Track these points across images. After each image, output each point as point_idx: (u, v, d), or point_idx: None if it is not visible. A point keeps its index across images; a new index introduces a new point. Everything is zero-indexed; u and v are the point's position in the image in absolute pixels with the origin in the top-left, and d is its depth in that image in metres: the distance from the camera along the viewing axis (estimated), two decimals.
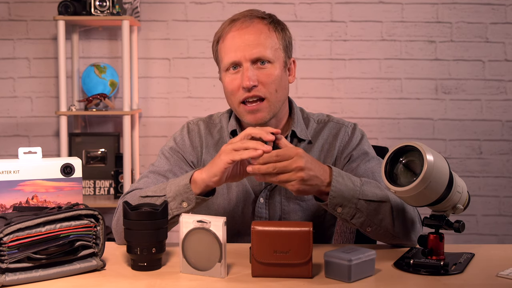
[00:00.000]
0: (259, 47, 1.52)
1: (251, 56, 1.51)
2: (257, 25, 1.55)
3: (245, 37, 1.52)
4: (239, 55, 1.52)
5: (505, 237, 3.43)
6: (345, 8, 3.36)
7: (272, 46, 1.54)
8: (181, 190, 1.43)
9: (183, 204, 1.42)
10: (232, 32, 1.54)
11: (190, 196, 1.42)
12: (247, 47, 1.51)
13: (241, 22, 1.55)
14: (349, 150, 1.62)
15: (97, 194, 3.31)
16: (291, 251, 1.22)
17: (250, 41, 1.52)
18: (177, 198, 1.43)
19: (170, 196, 1.43)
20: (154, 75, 3.41)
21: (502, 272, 1.27)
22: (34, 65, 3.38)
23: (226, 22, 1.58)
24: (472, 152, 3.42)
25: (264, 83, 1.52)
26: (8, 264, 1.18)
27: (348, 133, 1.64)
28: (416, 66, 3.39)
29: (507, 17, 3.36)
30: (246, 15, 1.57)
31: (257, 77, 1.52)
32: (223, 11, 3.36)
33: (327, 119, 1.68)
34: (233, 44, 1.53)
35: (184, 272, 1.28)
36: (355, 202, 1.39)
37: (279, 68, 1.55)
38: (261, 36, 1.53)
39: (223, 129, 1.67)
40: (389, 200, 1.42)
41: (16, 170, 1.38)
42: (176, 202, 1.43)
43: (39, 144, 3.35)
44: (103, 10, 3.09)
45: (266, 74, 1.53)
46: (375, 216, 1.41)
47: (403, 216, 1.44)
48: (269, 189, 1.61)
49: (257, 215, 1.60)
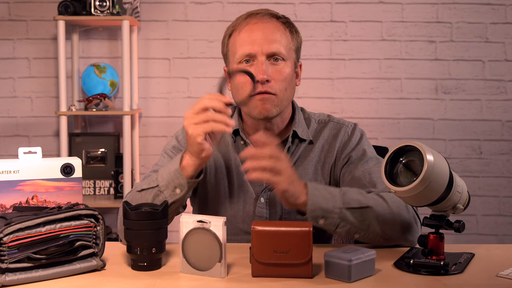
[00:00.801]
0: (276, 43, 1.54)
1: (268, 50, 1.53)
2: (274, 22, 1.57)
3: (263, 31, 1.54)
4: (256, 48, 1.53)
5: (505, 237, 3.43)
6: (345, 8, 3.36)
7: (286, 45, 1.56)
8: (172, 176, 1.43)
9: (176, 190, 1.43)
10: (249, 25, 1.55)
11: (182, 181, 1.43)
12: (264, 41, 1.53)
13: (259, 17, 1.57)
14: (348, 151, 1.62)
15: (97, 194, 3.31)
16: (291, 251, 1.22)
17: (267, 35, 1.54)
18: (169, 185, 1.44)
19: (163, 185, 1.44)
20: (154, 75, 3.41)
21: (502, 272, 1.27)
22: (34, 65, 3.38)
23: (243, 16, 1.59)
24: (472, 152, 3.42)
25: (276, 79, 1.54)
26: (8, 264, 1.18)
27: (348, 133, 1.64)
28: (416, 66, 3.39)
29: (507, 17, 3.36)
30: (263, 12, 1.59)
31: (270, 73, 1.53)
32: (223, 11, 3.36)
33: (327, 119, 1.68)
34: (250, 36, 1.54)
35: (184, 272, 1.28)
36: (337, 212, 1.40)
37: (290, 67, 1.57)
38: (278, 33, 1.56)
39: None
40: (373, 205, 1.43)
41: (16, 170, 1.38)
42: (169, 189, 1.44)
43: (39, 144, 3.35)
44: (103, 10, 3.09)
45: (279, 71, 1.54)
46: (361, 222, 1.42)
47: (392, 219, 1.44)
48: (270, 188, 1.60)
49: (258, 215, 1.60)
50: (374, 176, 1.56)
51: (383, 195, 1.47)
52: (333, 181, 1.63)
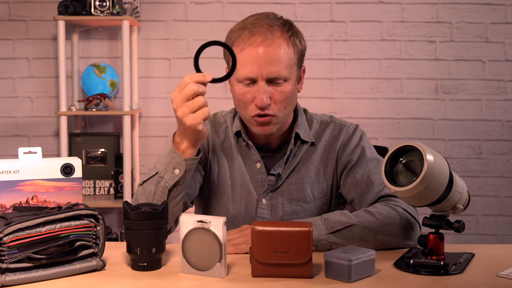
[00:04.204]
0: (277, 65, 1.49)
1: (268, 75, 1.50)
2: (277, 39, 1.51)
3: (264, 53, 1.48)
4: (256, 72, 1.49)
5: (505, 237, 3.43)
6: (345, 8, 3.36)
7: (288, 63, 1.52)
8: (169, 158, 1.42)
9: (175, 171, 1.42)
10: (252, 46, 1.49)
11: (179, 160, 1.41)
12: (264, 65, 1.49)
13: (260, 34, 1.50)
14: (348, 152, 1.62)
15: (97, 194, 3.31)
16: (291, 251, 1.22)
17: (268, 58, 1.48)
18: (168, 168, 1.42)
19: (162, 170, 1.43)
20: (154, 75, 3.41)
21: (502, 272, 1.27)
22: (34, 65, 3.38)
23: (246, 30, 1.52)
24: (472, 152, 3.42)
25: (276, 101, 1.52)
26: (8, 264, 1.18)
27: (349, 133, 1.64)
28: (416, 66, 3.39)
29: (507, 17, 3.36)
30: (265, 24, 1.53)
31: (271, 95, 1.51)
32: (223, 11, 3.36)
33: (329, 120, 1.68)
34: (251, 58, 1.49)
35: (184, 272, 1.28)
36: (325, 238, 1.43)
37: (292, 84, 1.54)
38: (280, 52, 1.50)
39: (228, 128, 1.67)
40: (358, 222, 1.45)
41: (16, 170, 1.38)
42: (169, 172, 1.42)
43: (39, 144, 3.35)
44: (103, 10, 3.09)
45: (279, 92, 1.52)
46: (351, 240, 1.44)
47: (382, 229, 1.45)
48: (271, 190, 1.61)
49: (260, 216, 1.61)
50: (373, 177, 1.57)
51: (369, 208, 1.50)
52: (335, 182, 1.64)
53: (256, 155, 1.62)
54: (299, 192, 1.61)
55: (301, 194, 1.61)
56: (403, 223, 1.47)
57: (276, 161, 1.62)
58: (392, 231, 1.45)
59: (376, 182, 1.56)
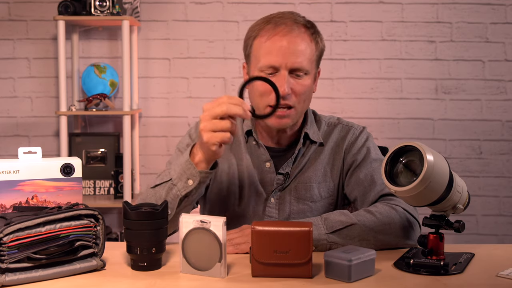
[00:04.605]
0: (300, 57, 1.52)
1: (292, 65, 1.51)
2: (302, 33, 1.54)
3: (289, 43, 1.51)
4: (280, 61, 1.51)
5: (505, 237, 3.43)
6: (345, 8, 3.36)
7: (310, 58, 1.55)
8: (184, 167, 1.41)
9: (188, 182, 1.41)
10: (277, 35, 1.52)
11: (194, 172, 1.40)
12: (289, 55, 1.51)
13: (286, 26, 1.53)
14: (354, 152, 1.64)
15: (97, 194, 3.31)
16: (291, 251, 1.22)
17: (292, 49, 1.51)
18: (182, 177, 1.42)
19: (175, 178, 1.43)
20: (154, 75, 3.41)
21: (502, 272, 1.27)
22: (34, 65, 3.38)
23: (270, 23, 1.54)
24: (472, 152, 3.42)
25: (296, 93, 1.54)
26: (8, 264, 1.18)
27: (356, 134, 1.67)
28: (416, 66, 3.39)
29: (507, 17, 3.36)
30: (289, 18, 1.55)
31: (292, 86, 1.53)
32: (223, 11, 3.36)
33: (337, 122, 1.70)
34: (275, 47, 1.51)
35: (184, 272, 1.28)
36: (325, 238, 1.43)
37: (310, 79, 1.57)
38: (303, 45, 1.53)
39: (238, 128, 1.67)
40: (358, 221, 1.45)
41: (16, 170, 1.38)
42: (182, 181, 1.42)
43: (39, 144, 3.35)
44: (103, 10, 3.09)
45: (300, 85, 1.54)
46: (351, 239, 1.44)
47: (382, 228, 1.46)
48: (280, 189, 1.62)
49: (267, 215, 1.62)
50: (376, 177, 1.59)
51: (369, 208, 1.51)
52: (341, 182, 1.66)
53: (266, 154, 1.63)
54: (306, 191, 1.62)
55: (309, 193, 1.62)
56: (403, 222, 1.47)
57: (285, 161, 1.63)
58: (392, 231, 1.45)
59: (378, 182, 1.57)
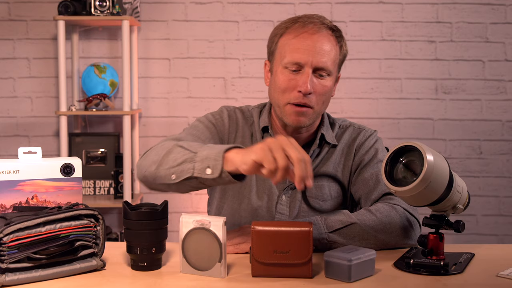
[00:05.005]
0: (326, 56, 1.55)
1: (317, 64, 1.54)
2: (328, 35, 1.57)
3: (317, 42, 1.54)
4: (306, 59, 1.53)
5: (505, 237, 3.43)
6: (345, 8, 3.36)
7: (334, 60, 1.58)
8: (211, 155, 1.31)
9: (207, 170, 1.30)
10: (306, 33, 1.55)
11: (218, 166, 1.29)
12: (315, 54, 1.53)
13: (315, 25, 1.56)
14: (362, 152, 1.66)
15: (97, 194, 3.31)
16: (291, 251, 1.22)
17: (319, 48, 1.54)
18: (204, 161, 1.31)
19: (199, 156, 1.33)
20: (154, 75, 3.41)
21: (502, 272, 1.27)
22: (34, 65, 3.38)
23: (298, 22, 1.57)
24: (472, 152, 3.42)
25: (318, 93, 1.56)
26: (8, 264, 1.18)
27: (366, 136, 1.69)
28: (416, 66, 3.39)
29: (507, 17, 3.36)
30: (317, 19, 1.58)
31: (313, 85, 1.55)
32: (223, 11, 3.36)
33: (348, 124, 1.73)
34: (302, 45, 1.54)
35: (184, 272, 1.28)
36: (325, 237, 1.44)
37: (332, 81, 1.60)
38: (329, 46, 1.56)
39: (255, 124, 1.69)
40: (358, 220, 1.46)
41: (16, 170, 1.38)
42: (203, 164, 1.31)
43: (39, 144, 3.35)
44: (103, 10, 3.09)
45: (322, 85, 1.56)
46: (351, 239, 1.44)
47: (383, 228, 1.46)
48: (291, 187, 1.63)
49: (279, 212, 1.63)
50: (381, 177, 1.59)
51: (370, 207, 1.51)
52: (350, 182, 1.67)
53: None
54: (317, 191, 1.63)
55: (320, 193, 1.63)
56: (403, 222, 1.47)
57: None
58: (392, 230, 1.46)
59: (383, 182, 1.58)
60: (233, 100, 3.37)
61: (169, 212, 1.43)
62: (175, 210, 3.31)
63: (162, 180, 1.40)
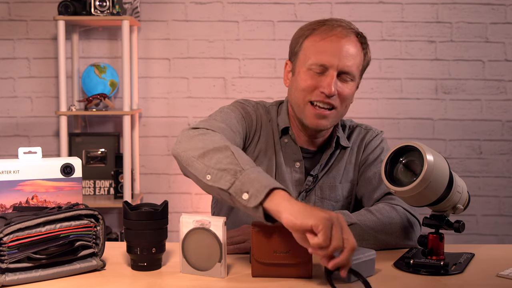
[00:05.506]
0: (351, 61, 1.55)
1: (343, 67, 1.54)
2: (354, 40, 1.57)
3: (343, 46, 1.54)
4: (332, 61, 1.53)
5: (505, 237, 3.43)
6: (345, 8, 3.36)
7: (358, 65, 1.58)
8: (256, 183, 1.18)
9: (244, 194, 1.18)
10: (334, 36, 1.54)
11: (258, 197, 1.17)
12: (341, 57, 1.53)
13: (343, 29, 1.55)
14: (368, 152, 1.67)
15: (97, 194, 3.31)
16: (291, 251, 1.22)
17: (345, 51, 1.54)
18: (247, 184, 1.19)
19: (244, 176, 1.20)
20: (154, 75, 3.41)
21: (502, 272, 1.27)
22: (34, 65, 3.38)
23: (326, 25, 1.56)
24: (472, 152, 3.42)
25: (341, 96, 1.56)
26: (8, 264, 1.18)
27: (372, 136, 1.70)
28: (416, 66, 3.39)
29: (507, 17, 3.36)
30: (345, 23, 1.58)
31: (338, 89, 1.55)
32: (223, 11, 3.36)
33: (355, 124, 1.74)
34: (330, 47, 1.53)
35: (184, 272, 1.28)
36: None
37: (354, 86, 1.60)
38: (356, 51, 1.56)
39: (273, 122, 1.67)
40: (358, 220, 1.46)
41: (16, 170, 1.38)
42: (243, 186, 1.19)
43: (39, 144, 3.35)
44: (103, 10, 3.09)
45: (345, 89, 1.56)
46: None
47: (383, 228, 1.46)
48: (306, 190, 1.64)
49: None
50: None
51: (370, 208, 1.51)
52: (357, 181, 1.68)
53: (298, 154, 1.64)
54: (331, 192, 1.64)
55: (333, 194, 1.64)
56: (403, 222, 1.47)
57: (312, 162, 1.65)
58: (392, 230, 1.45)
59: None
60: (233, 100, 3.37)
61: (169, 212, 1.42)
62: (175, 210, 3.31)
63: (195, 171, 1.29)
